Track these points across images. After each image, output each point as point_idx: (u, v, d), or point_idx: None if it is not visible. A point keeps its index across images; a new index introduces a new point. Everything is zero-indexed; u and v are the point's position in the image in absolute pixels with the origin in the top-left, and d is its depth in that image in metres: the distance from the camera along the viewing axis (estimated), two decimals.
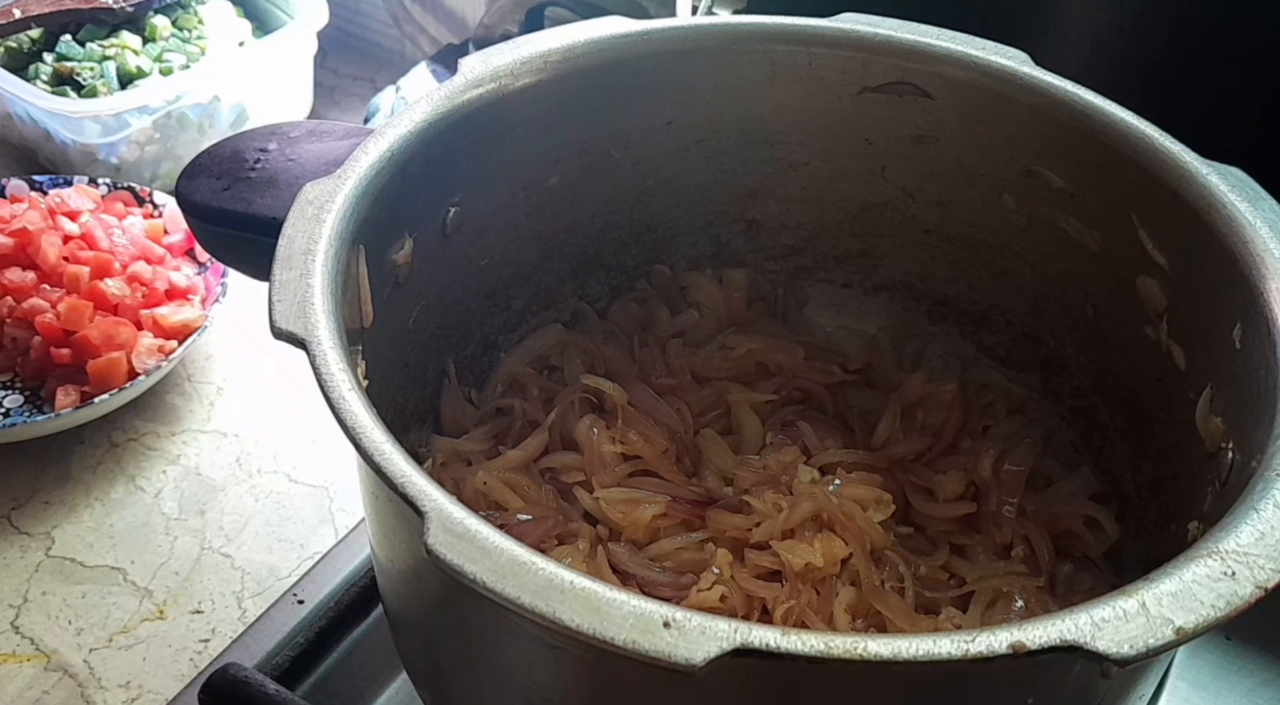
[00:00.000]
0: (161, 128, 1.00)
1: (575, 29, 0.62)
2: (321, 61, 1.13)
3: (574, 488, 0.64)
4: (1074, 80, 0.60)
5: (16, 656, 0.70)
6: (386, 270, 0.56)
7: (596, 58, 0.62)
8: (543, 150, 0.64)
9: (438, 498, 0.39)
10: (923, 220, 0.69)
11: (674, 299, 0.75)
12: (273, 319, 0.46)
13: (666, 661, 0.35)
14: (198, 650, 0.71)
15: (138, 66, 1.02)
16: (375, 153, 0.54)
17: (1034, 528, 0.63)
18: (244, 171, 0.60)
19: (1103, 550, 0.63)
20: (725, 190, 0.71)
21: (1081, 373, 0.66)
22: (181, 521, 0.78)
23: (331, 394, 0.43)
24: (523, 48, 0.60)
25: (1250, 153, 0.56)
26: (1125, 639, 0.36)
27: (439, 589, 0.47)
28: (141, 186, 0.95)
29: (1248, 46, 0.73)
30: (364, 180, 0.52)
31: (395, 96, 1.02)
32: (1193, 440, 0.54)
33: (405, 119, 0.56)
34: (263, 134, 0.63)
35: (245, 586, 0.74)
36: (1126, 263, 0.59)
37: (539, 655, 0.44)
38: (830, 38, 0.64)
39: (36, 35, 1.05)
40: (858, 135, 0.67)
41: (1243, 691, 0.66)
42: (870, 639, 0.35)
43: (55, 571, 0.75)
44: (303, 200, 0.51)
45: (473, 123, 0.59)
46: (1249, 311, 0.50)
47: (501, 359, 0.71)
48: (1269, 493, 0.41)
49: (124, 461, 0.82)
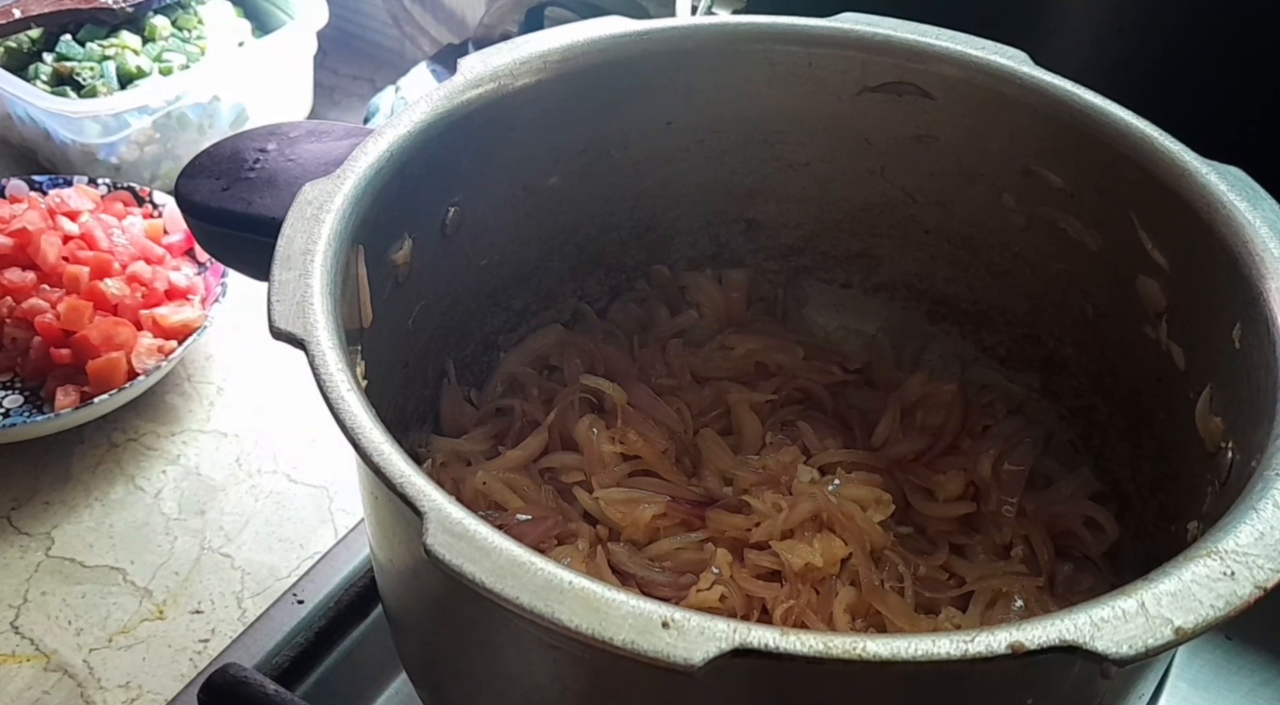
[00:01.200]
0: (161, 128, 1.00)
1: (575, 29, 0.62)
2: (321, 61, 1.13)
3: (573, 488, 0.64)
4: (1074, 80, 0.60)
5: (16, 657, 0.70)
6: (386, 270, 0.56)
7: (596, 58, 0.62)
8: (543, 150, 0.64)
9: (437, 498, 0.39)
10: (923, 220, 0.69)
11: (674, 299, 0.75)
12: (272, 319, 0.46)
13: (665, 661, 0.35)
14: (197, 650, 0.71)
15: (137, 66, 1.02)
16: (375, 153, 0.54)
17: (1034, 528, 0.63)
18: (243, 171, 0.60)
19: (1102, 550, 0.63)
20: (725, 190, 0.71)
21: (1081, 373, 0.66)
22: (181, 521, 0.78)
23: (331, 394, 0.43)
24: (522, 48, 0.60)
25: (1250, 153, 0.56)
26: (1124, 639, 0.36)
27: (438, 589, 0.47)
28: (141, 186, 0.95)
29: (1248, 46, 0.72)
30: (363, 180, 0.52)
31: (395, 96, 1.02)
32: (1192, 440, 0.54)
33: (405, 119, 0.56)
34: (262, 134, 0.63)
35: (245, 586, 0.74)
36: (1126, 263, 0.59)
37: (538, 655, 0.44)
38: (830, 38, 0.64)
39: (36, 35, 1.05)
40: (858, 135, 0.67)
41: (1243, 691, 0.66)
42: (869, 639, 0.35)
43: (55, 571, 0.75)
44: (302, 200, 0.51)
45: (472, 123, 0.59)
46: (1249, 311, 0.50)
47: (501, 359, 0.71)
48: (1268, 492, 0.41)
49: (124, 462, 0.82)
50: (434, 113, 0.57)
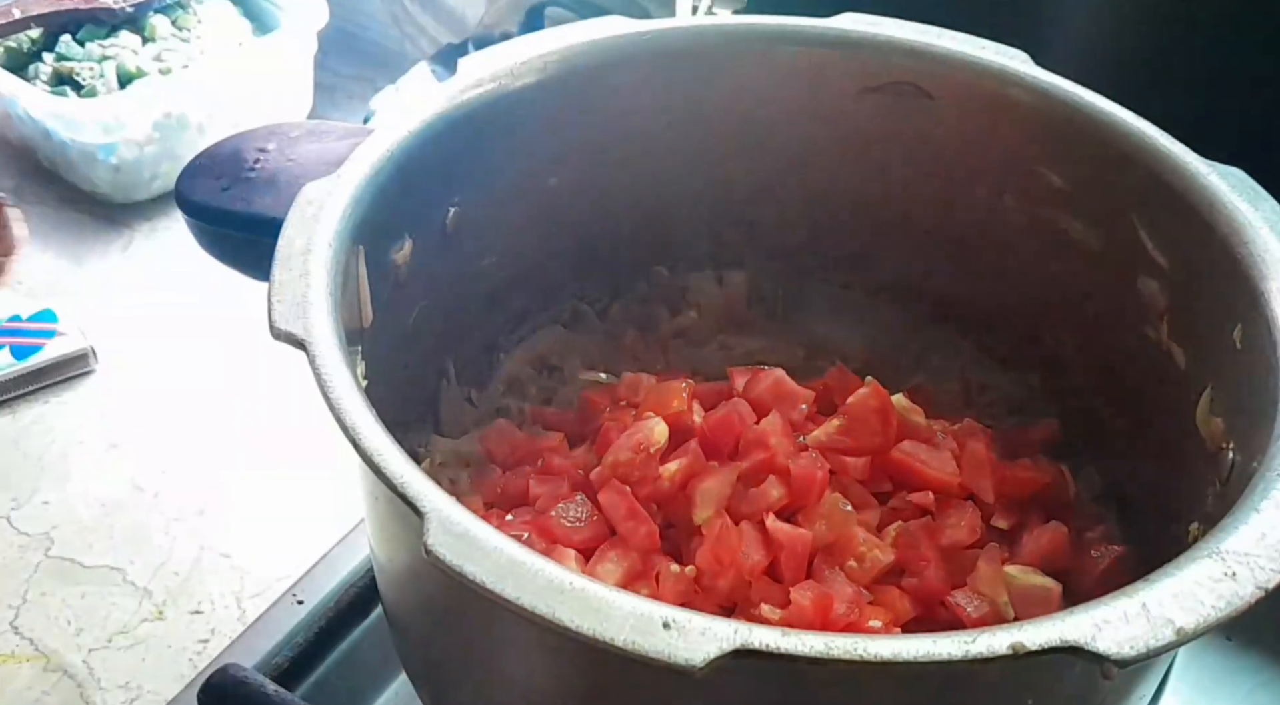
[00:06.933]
0: (161, 128, 1.00)
1: (575, 29, 0.62)
2: (321, 61, 1.13)
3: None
4: (1075, 81, 0.60)
5: (16, 657, 0.70)
6: (386, 270, 0.56)
7: (596, 58, 0.62)
8: (543, 150, 0.64)
9: (437, 498, 0.39)
10: (923, 220, 0.69)
11: (674, 299, 0.75)
12: (272, 319, 0.46)
13: (666, 662, 0.35)
14: (197, 651, 0.71)
15: (137, 66, 1.02)
16: (375, 153, 0.54)
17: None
18: (243, 171, 0.60)
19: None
20: (725, 190, 0.71)
21: (1082, 373, 0.66)
22: (181, 522, 0.78)
23: (331, 394, 0.43)
24: (522, 48, 0.60)
25: (1250, 153, 0.56)
26: (1126, 640, 0.36)
27: (438, 589, 0.47)
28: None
29: (1248, 46, 0.72)
30: (364, 180, 0.52)
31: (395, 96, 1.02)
32: (1193, 440, 0.54)
33: (405, 119, 0.56)
34: (262, 134, 0.63)
35: (244, 587, 0.74)
36: (1127, 263, 0.59)
37: (539, 655, 0.44)
38: (830, 38, 0.63)
39: (36, 35, 1.05)
40: (858, 135, 0.67)
41: (1244, 692, 0.66)
42: (870, 639, 0.35)
43: (55, 572, 0.75)
44: (302, 200, 0.51)
45: (472, 123, 0.59)
46: (1249, 311, 0.50)
47: (501, 359, 0.71)
48: (1269, 493, 0.41)
49: (123, 461, 0.82)
50: (434, 113, 0.57)
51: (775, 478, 0.59)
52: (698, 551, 0.56)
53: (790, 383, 0.65)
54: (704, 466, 0.60)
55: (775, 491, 0.58)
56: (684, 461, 0.59)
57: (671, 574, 0.56)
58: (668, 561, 0.57)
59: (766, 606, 0.54)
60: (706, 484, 0.58)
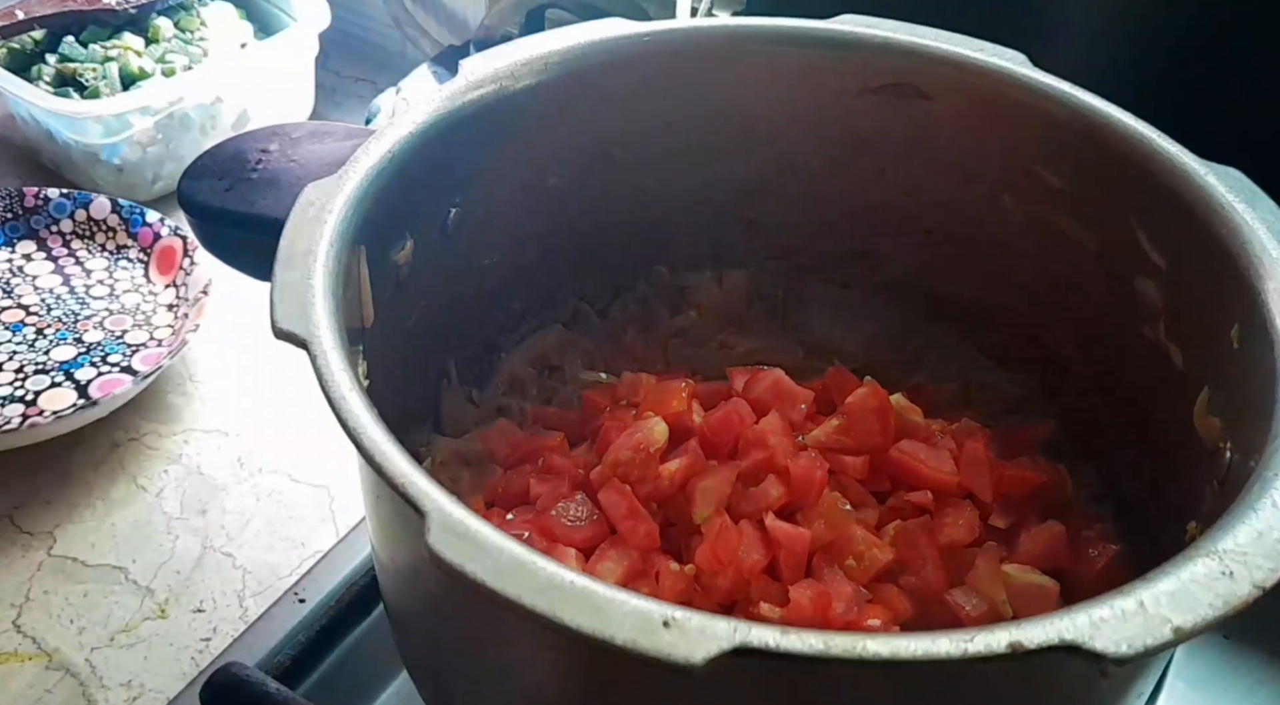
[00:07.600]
0: (163, 128, 1.01)
1: (575, 31, 0.62)
2: (323, 63, 1.14)
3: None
4: (1072, 82, 0.60)
5: (18, 655, 0.70)
6: (387, 270, 0.56)
7: (596, 59, 0.62)
8: (543, 151, 0.64)
9: (438, 498, 0.39)
10: (923, 220, 0.69)
11: (674, 299, 0.75)
12: (274, 319, 0.46)
13: (666, 661, 0.35)
14: (199, 649, 0.71)
15: (140, 67, 1.02)
16: (376, 153, 0.54)
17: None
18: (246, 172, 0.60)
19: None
20: (725, 190, 0.71)
21: (1081, 373, 0.66)
22: (183, 520, 0.78)
23: (332, 394, 0.43)
24: (523, 49, 0.61)
25: (1249, 153, 0.56)
26: (1123, 638, 0.36)
27: (439, 588, 0.47)
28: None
29: (1247, 47, 0.73)
30: (365, 181, 0.53)
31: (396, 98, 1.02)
32: (1192, 440, 0.54)
33: (406, 120, 0.56)
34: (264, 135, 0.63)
35: (246, 585, 0.74)
36: (1125, 263, 0.59)
37: (539, 654, 0.44)
38: (830, 39, 0.64)
39: (39, 36, 1.05)
40: (858, 135, 0.67)
41: (1241, 691, 0.66)
42: (869, 638, 0.36)
43: (57, 571, 0.75)
44: (304, 201, 0.51)
45: (474, 124, 0.59)
46: (1247, 312, 0.50)
47: (502, 359, 0.71)
48: (1267, 492, 0.41)
49: (125, 461, 0.82)
50: (435, 114, 0.57)
51: (775, 477, 0.59)
52: (697, 550, 0.57)
53: (789, 382, 0.65)
54: (704, 466, 0.60)
55: (774, 490, 0.59)
56: (684, 461, 0.59)
57: (671, 572, 0.56)
58: (667, 560, 0.57)
59: (766, 605, 0.54)
60: (706, 483, 0.59)
